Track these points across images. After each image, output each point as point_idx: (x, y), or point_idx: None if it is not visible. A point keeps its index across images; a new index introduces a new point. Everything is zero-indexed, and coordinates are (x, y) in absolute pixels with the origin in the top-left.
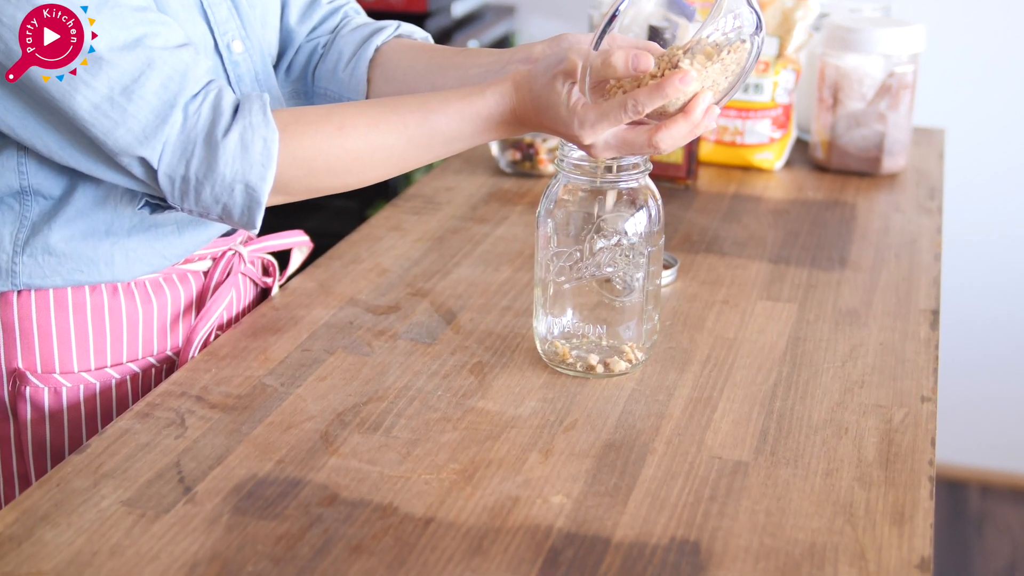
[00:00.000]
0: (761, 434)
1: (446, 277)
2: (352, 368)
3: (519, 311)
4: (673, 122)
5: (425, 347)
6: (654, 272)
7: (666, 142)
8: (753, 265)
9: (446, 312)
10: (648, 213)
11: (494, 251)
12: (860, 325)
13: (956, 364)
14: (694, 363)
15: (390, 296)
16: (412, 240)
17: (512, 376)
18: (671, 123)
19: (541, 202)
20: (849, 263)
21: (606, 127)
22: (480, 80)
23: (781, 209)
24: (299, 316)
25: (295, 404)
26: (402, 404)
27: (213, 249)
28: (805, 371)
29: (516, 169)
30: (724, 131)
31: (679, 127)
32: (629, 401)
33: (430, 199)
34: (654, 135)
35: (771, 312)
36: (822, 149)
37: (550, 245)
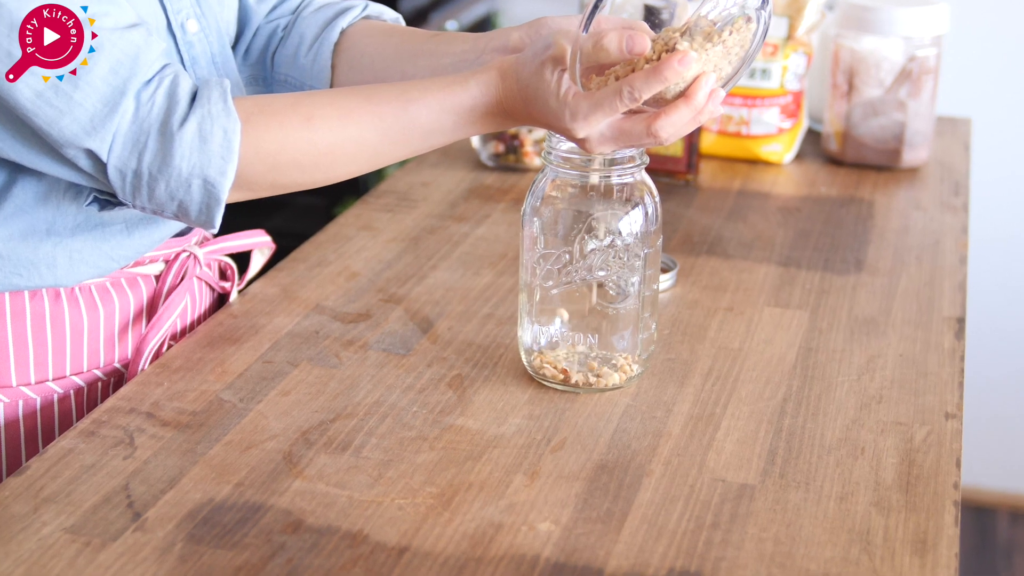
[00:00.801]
0: (769, 454)
1: (422, 282)
2: (318, 382)
3: (502, 319)
4: (674, 108)
5: (399, 359)
6: (651, 276)
7: (667, 130)
8: (760, 268)
9: (422, 320)
10: (644, 211)
11: (475, 253)
12: (878, 334)
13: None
14: (695, 376)
15: (360, 303)
16: (384, 241)
17: (494, 391)
18: (671, 109)
19: (526, 199)
20: (866, 266)
21: (600, 118)
22: (454, 69)
23: (791, 207)
24: (260, 324)
25: (255, 421)
26: (373, 421)
27: (166, 251)
28: (817, 385)
29: (499, 162)
30: (728, 121)
31: (680, 113)
32: (623, 418)
33: (404, 196)
34: (653, 123)
35: (780, 320)
36: (836, 140)
37: (536, 246)
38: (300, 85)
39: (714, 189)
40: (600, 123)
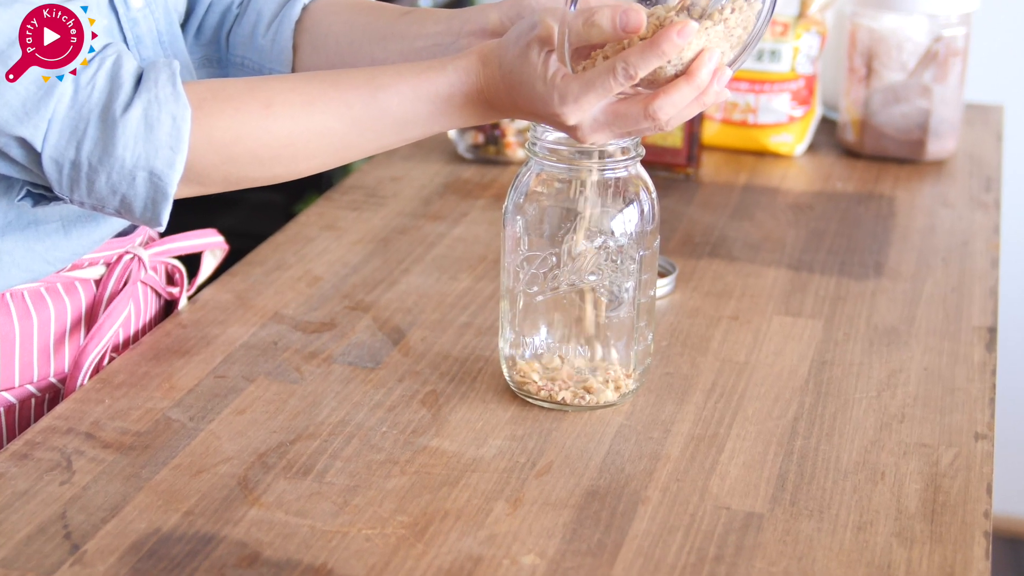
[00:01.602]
0: (778, 480)
1: (392, 287)
2: (277, 399)
3: (481, 329)
4: (674, 86)
5: (366, 373)
6: (647, 281)
7: (666, 111)
8: (769, 272)
9: (392, 330)
10: (640, 209)
11: (451, 255)
12: (900, 346)
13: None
14: (696, 393)
15: (323, 310)
16: (350, 242)
17: (473, 408)
18: (671, 87)
19: (509, 195)
20: (886, 270)
21: (593, 100)
22: (428, 54)
23: (803, 203)
24: (212, 335)
25: (207, 443)
26: (338, 443)
27: (107, 252)
28: (832, 402)
29: (478, 155)
30: (733, 108)
31: (681, 92)
32: (616, 439)
33: (372, 191)
34: (651, 103)
35: (791, 330)
36: (853, 130)
37: (519, 248)
38: (258, 68)
39: (717, 184)
40: (593, 106)
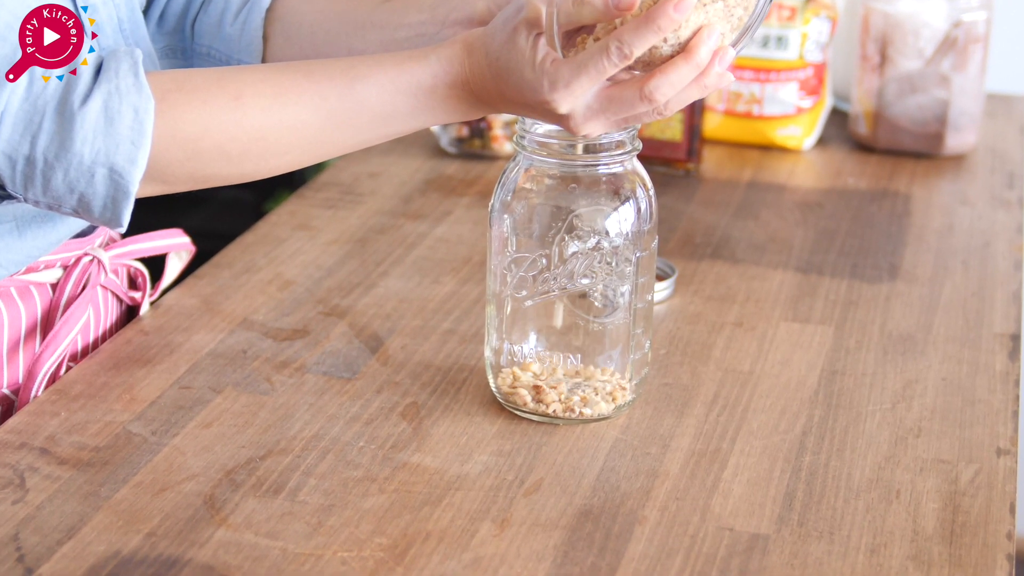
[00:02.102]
0: (785, 499)
1: (370, 291)
2: (246, 411)
3: (466, 336)
4: (670, 65)
5: (342, 384)
6: (644, 285)
7: (663, 91)
8: (775, 275)
9: (370, 337)
10: (636, 207)
11: (433, 257)
12: (916, 354)
13: None
14: (697, 404)
15: (296, 316)
16: (325, 242)
17: (457, 422)
18: (667, 66)
19: (495, 192)
20: (901, 273)
21: (585, 84)
22: (411, 45)
23: (812, 201)
24: (176, 343)
25: (171, 459)
26: (312, 459)
27: (64, 254)
28: (843, 415)
29: (462, 148)
30: (737, 99)
31: (679, 71)
32: (611, 455)
33: (349, 188)
34: (647, 83)
35: (799, 337)
36: (866, 122)
37: (507, 249)
38: (226, 59)
39: (720, 180)
40: (585, 91)
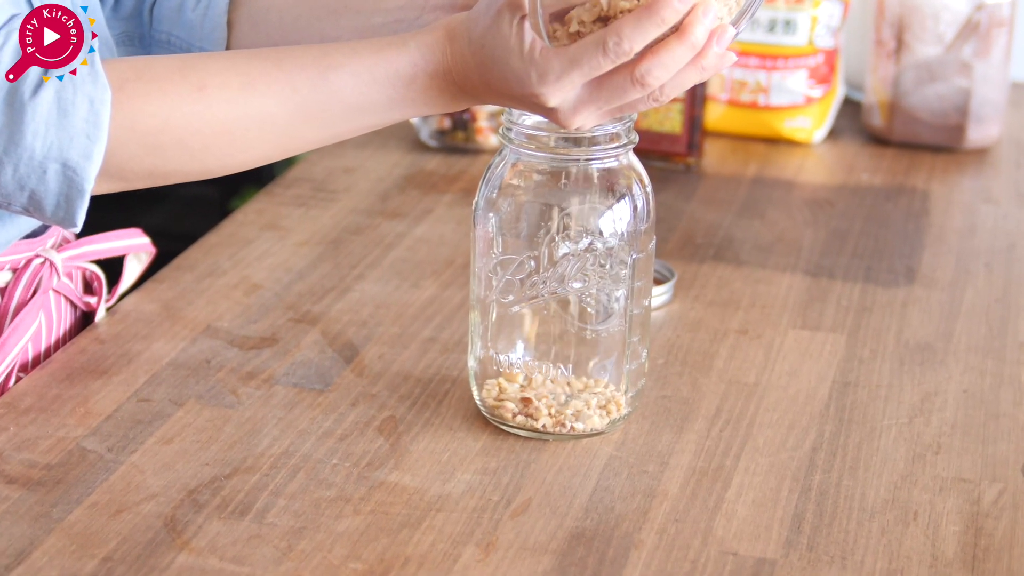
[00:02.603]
0: (794, 520)
1: (344, 296)
2: (210, 426)
3: (448, 345)
4: (663, 46)
5: (314, 396)
6: (641, 289)
7: (656, 74)
8: (782, 279)
9: (344, 346)
10: (632, 205)
11: (413, 259)
12: (936, 364)
13: None
14: (698, 419)
15: (264, 323)
16: (295, 243)
17: (438, 437)
18: (660, 47)
19: (480, 189)
20: (919, 276)
21: (577, 80)
22: (388, 32)
23: (822, 199)
24: (135, 352)
25: (129, 477)
26: (282, 477)
27: (14, 256)
28: (856, 431)
29: (444, 142)
30: (741, 87)
31: (672, 52)
32: (606, 473)
33: (321, 185)
34: (638, 66)
35: (808, 346)
36: (881, 113)
37: (492, 250)
38: (187, 47)
39: (723, 176)
40: (577, 86)
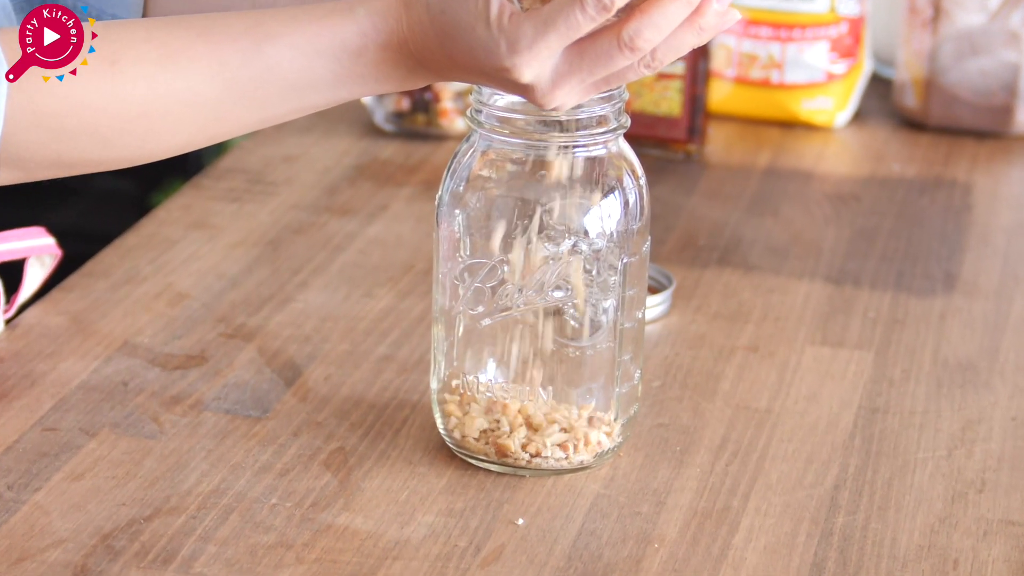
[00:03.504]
0: (813, 570)
1: (285, 307)
2: (128, 459)
3: (407, 363)
4: (655, 2)
5: (250, 424)
6: (633, 299)
7: (646, 35)
8: (799, 287)
9: (284, 365)
10: (623, 200)
11: (365, 263)
12: (979, 387)
13: None
14: (700, 451)
15: (191, 339)
16: (228, 245)
17: (396, 473)
18: (650, 4)
19: (444, 181)
20: (960, 283)
21: (554, 45)
22: None
23: (846, 193)
24: (39, 372)
25: (31, 519)
26: (212, 520)
27: None
28: (887, 464)
29: (402, 126)
30: (751, 62)
31: (664, 9)
32: (592, 515)
33: (258, 176)
34: (626, 27)
35: (830, 366)
36: (915, 92)
37: (459, 253)
38: (97, 14)
39: (730, 166)
40: (554, 54)
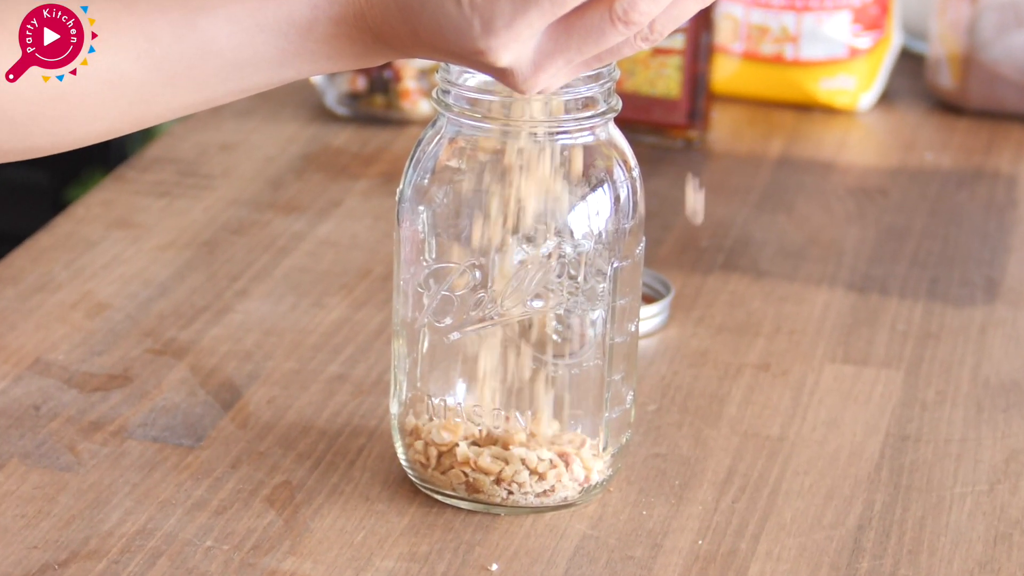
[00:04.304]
0: None
1: (221, 319)
2: (40, 495)
3: (362, 384)
4: None
5: (182, 455)
6: (625, 309)
7: (643, 8)
8: (817, 295)
9: (221, 386)
10: (613, 195)
11: (315, 268)
12: None
13: None
14: (703, 486)
15: (113, 356)
16: (156, 247)
17: (350, 511)
18: None
19: (406, 173)
20: (1003, 291)
21: (536, 23)
22: None
23: (871, 186)
24: None
25: None
26: (138, 565)
27: None
28: (919, 500)
29: (358, 109)
30: (762, 35)
31: None
32: (578, 559)
33: (191, 168)
34: None
35: (852, 386)
36: (951, 70)
37: (423, 256)
38: None
39: (736, 156)
40: (535, 33)
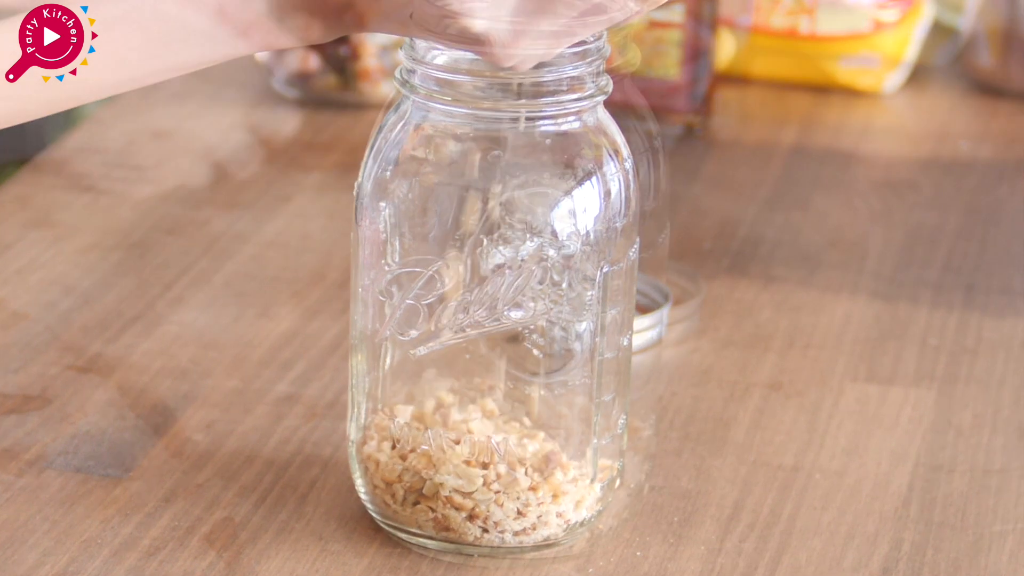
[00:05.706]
0: None
1: (154, 331)
2: None
3: (316, 406)
4: None
5: (107, 487)
6: (617, 320)
7: None
8: (837, 303)
9: (153, 409)
10: (603, 189)
11: (260, 273)
12: None
13: None
14: (706, 521)
15: (29, 373)
16: (78, 249)
17: (301, 551)
18: None
19: (365, 164)
20: None
21: None
22: None
23: (899, 179)
24: None
25: None
26: None
27: None
28: (953, 539)
29: (310, 91)
30: (773, 6)
31: None
32: None
33: (118, 159)
34: None
35: (878, 408)
36: (991, 47)
37: (386, 259)
38: None
39: (746, 145)
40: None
